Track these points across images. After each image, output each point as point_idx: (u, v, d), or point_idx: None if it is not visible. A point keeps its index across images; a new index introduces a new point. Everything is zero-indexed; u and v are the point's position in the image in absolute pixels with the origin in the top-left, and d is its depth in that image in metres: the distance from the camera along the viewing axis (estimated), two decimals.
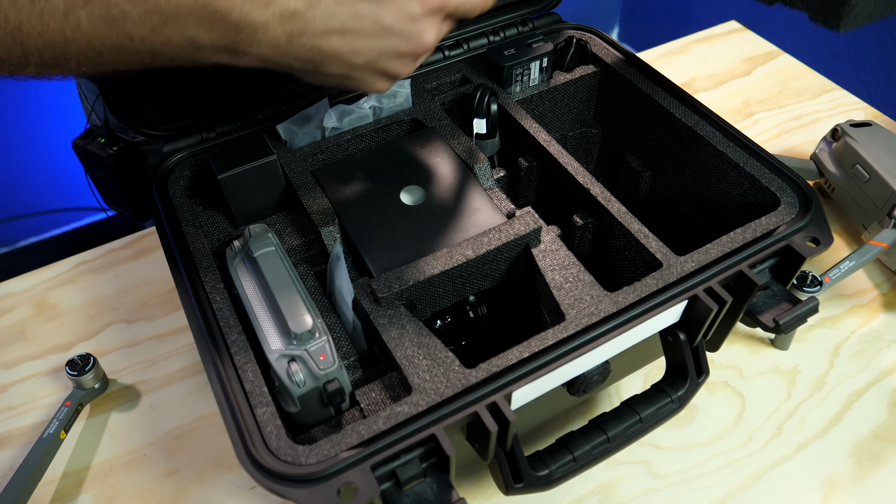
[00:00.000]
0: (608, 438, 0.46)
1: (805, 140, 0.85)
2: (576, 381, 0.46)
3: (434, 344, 0.44)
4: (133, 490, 0.56)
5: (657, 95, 0.60)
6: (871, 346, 0.64)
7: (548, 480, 0.44)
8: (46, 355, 0.66)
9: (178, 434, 0.59)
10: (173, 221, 0.52)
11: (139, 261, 0.73)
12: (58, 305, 0.70)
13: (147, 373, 0.64)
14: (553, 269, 0.49)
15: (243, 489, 0.56)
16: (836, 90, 0.92)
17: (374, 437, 0.39)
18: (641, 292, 0.45)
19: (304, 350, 0.43)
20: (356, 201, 0.54)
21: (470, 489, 0.55)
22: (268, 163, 0.53)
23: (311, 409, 0.44)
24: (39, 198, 1.58)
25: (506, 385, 0.41)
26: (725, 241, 0.48)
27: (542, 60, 0.63)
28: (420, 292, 0.48)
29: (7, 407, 0.62)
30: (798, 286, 0.61)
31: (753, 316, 0.48)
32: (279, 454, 0.38)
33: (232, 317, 0.45)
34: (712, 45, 1.01)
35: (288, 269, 0.47)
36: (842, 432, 0.58)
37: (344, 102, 0.61)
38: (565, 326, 0.44)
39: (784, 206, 0.50)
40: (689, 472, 0.56)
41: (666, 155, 0.62)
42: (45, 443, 0.55)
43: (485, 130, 0.61)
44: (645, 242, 0.49)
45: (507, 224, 0.50)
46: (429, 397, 0.40)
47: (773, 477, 0.55)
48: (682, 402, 0.48)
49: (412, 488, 0.39)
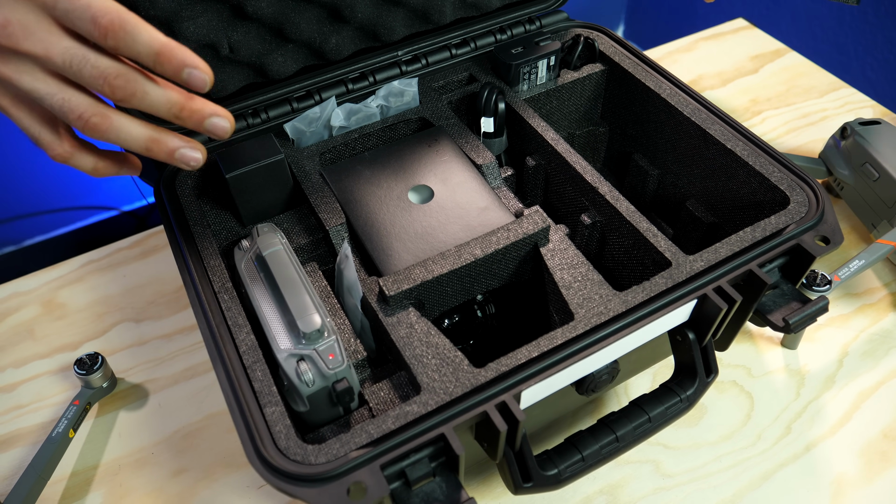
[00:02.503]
0: (617, 438, 0.46)
1: (813, 138, 0.84)
2: (584, 380, 0.46)
3: (443, 343, 0.44)
4: (141, 489, 0.56)
5: (665, 93, 0.60)
6: (881, 345, 0.63)
7: (557, 480, 0.44)
8: (54, 354, 0.66)
9: (186, 433, 0.59)
10: (181, 221, 0.52)
11: (146, 260, 0.73)
12: (66, 305, 0.70)
13: (155, 372, 0.64)
14: (562, 268, 0.49)
15: (251, 488, 0.56)
16: (844, 88, 0.92)
17: (383, 436, 0.39)
18: (650, 291, 0.45)
19: (312, 349, 0.43)
20: (364, 200, 0.54)
21: (478, 489, 0.55)
22: (275, 162, 0.53)
23: (320, 408, 0.44)
24: (45, 197, 1.59)
25: (515, 384, 0.41)
26: (735, 239, 0.48)
27: (550, 59, 0.63)
28: (428, 291, 0.48)
29: (16, 406, 0.62)
30: (807, 285, 0.61)
31: (763, 315, 0.48)
32: (288, 453, 0.38)
33: (240, 316, 0.45)
34: (719, 42, 1.01)
35: (296, 268, 0.47)
36: (851, 432, 0.58)
37: (351, 101, 0.61)
38: (574, 326, 0.44)
39: (793, 205, 0.50)
40: (698, 471, 0.56)
41: (674, 153, 0.61)
42: (53, 441, 0.55)
43: (492, 129, 0.61)
44: (654, 241, 0.49)
45: (516, 223, 0.50)
46: (438, 397, 0.40)
47: (782, 476, 0.55)
48: (690, 401, 0.48)
49: (421, 488, 0.39)
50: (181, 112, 0.38)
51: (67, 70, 0.35)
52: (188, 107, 0.38)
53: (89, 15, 0.34)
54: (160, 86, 0.37)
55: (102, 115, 0.37)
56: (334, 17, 0.60)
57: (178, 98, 0.37)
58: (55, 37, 0.35)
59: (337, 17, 0.60)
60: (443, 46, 0.65)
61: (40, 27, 0.35)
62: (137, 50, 0.35)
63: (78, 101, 0.36)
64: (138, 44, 0.35)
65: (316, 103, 0.60)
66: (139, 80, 0.36)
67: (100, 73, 0.35)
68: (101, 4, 0.34)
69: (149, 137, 0.38)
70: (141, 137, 0.38)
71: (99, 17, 0.34)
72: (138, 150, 0.38)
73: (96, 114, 0.36)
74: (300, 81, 0.61)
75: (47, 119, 0.38)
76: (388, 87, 0.61)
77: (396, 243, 0.51)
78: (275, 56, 0.59)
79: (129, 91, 0.36)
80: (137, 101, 0.37)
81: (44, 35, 0.35)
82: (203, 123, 0.39)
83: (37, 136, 0.38)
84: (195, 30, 0.54)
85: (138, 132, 0.38)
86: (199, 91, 0.37)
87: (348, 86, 0.62)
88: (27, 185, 1.54)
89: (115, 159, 0.41)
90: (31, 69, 0.36)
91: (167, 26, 0.53)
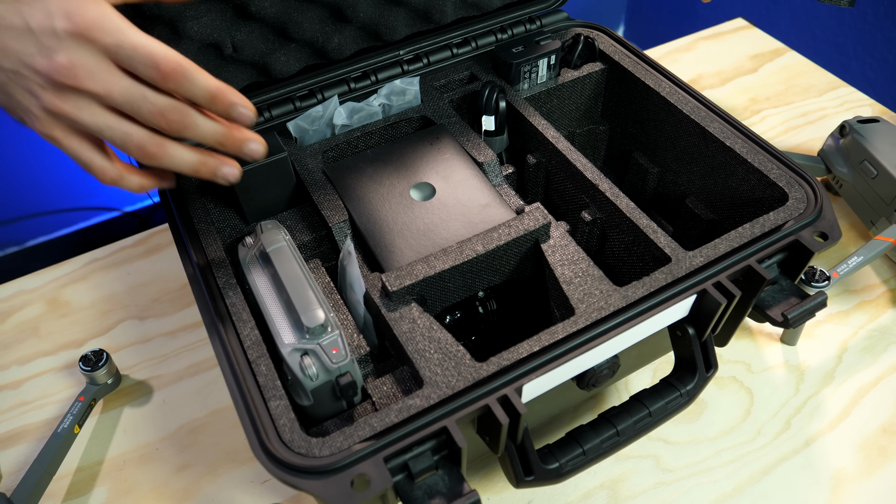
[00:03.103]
0: (617, 432, 0.46)
1: (812, 137, 0.85)
2: (585, 374, 0.46)
3: (445, 338, 0.45)
4: (146, 484, 0.57)
5: (664, 92, 0.60)
6: (880, 341, 0.64)
7: (558, 473, 0.45)
8: (59, 351, 0.66)
9: (190, 429, 0.60)
10: (186, 219, 0.52)
11: (150, 258, 0.74)
12: (70, 302, 0.70)
13: (159, 368, 0.64)
14: (562, 263, 0.49)
15: (255, 483, 0.56)
16: (842, 87, 0.92)
17: (386, 429, 0.39)
18: (650, 287, 0.46)
19: (316, 344, 0.43)
20: (366, 197, 0.54)
21: (480, 483, 0.55)
22: (279, 160, 0.53)
23: (324, 402, 0.44)
24: (47, 197, 1.59)
25: (517, 378, 0.42)
26: (734, 235, 0.48)
27: (550, 58, 0.63)
28: (430, 287, 0.48)
29: (21, 402, 0.62)
30: (806, 281, 0.61)
31: (762, 310, 0.48)
32: (293, 446, 0.39)
33: (245, 311, 0.45)
34: (718, 42, 1.01)
35: (300, 264, 0.47)
36: (850, 427, 0.58)
37: (353, 100, 0.61)
38: (575, 320, 0.44)
39: (792, 202, 0.50)
40: (698, 466, 0.56)
41: (673, 151, 0.62)
42: (59, 437, 0.55)
43: (493, 127, 0.61)
44: (654, 237, 0.50)
45: (517, 220, 0.51)
46: (440, 390, 0.41)
47: (782, 471, 0.56)
48: (690, 395, 0.48)
49: (424, 480, 0.40)
50: (225, 140, 0.43)
51: (126, 106, 0.40)
52: (231, 136, 0.43)
53: (151, 62, 0.38)
54: (208, 118, 0.42)
55: (159, 144, 0.41)
56: (336, 17, 0.60)
57: (222, 129, 0.42)
58: (115, 77, 0.39)
59: (339, 17, 0.60)
60: (444, 46, 0.66)
61: (101, 68, 0.39)
62: (194, 93, 0.40)
63: (137, 134, 0.40)
64: (195, 87, 0.40)
65: (318, 102, 0.61)
66: (191, 115, 0.41)
67: (157, 109, 0.40)
68: (162, 52, 0.39)
69: (198, 161, 0.43)
70: (191, 162, 0.43)
71: (161, 63, 0.38)
72: (187, 172, 0.43)
73: (154, 144, 0.41)
74: (303, 80, 0.61)
75: (98, 147, 0.42)
76: (389, 86, 0.61)
77: (399, 240, 0.51)
78: (278, 55, 0.59)
79: (183, 124, 0.40)
80: (190, 133, 0.41)
81: (104, 76, 0.39)
82: (242, 149, 0.43)
83: (88, 163, 0.42)
84: (199, 29, 0.55)
85: (190, 158, 0.42)
86: (247, 125, 0.43)
87: (350, 85, 0.62)
88: (28, 186, 1.54)
89: (155, 175, 0.45)
90: (91, 105, 0.39)
91: (172, 26, 0.54)
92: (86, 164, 0.42)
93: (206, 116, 0.41)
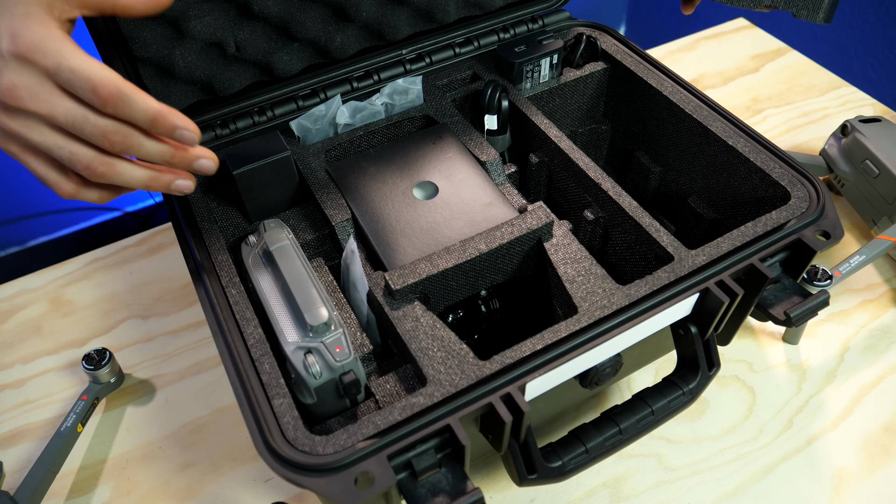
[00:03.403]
0: (620, 431, 0.46)
1: (814, 136, 0.85)
2: (588, 373, 0.46)
3: (448, 336, 0.45)
4: (149, 483, 0.57)
5: (667, 91, 0.60)
6: (882, 340, 0.64)
7: (561, 472, 0.45)
8: (62, 350, 0.66)
9: (192, 427, 0.60)
10: (189, 217, 0.52)
11: (153, 257, 0.74)
12: (73, 301, 0.70)
13: (162, 367, 0.65)
14: (565, 262, 0.50)
15: (258, 482, 0.56)
16: (844, 86, 0.92)
17: (390, 427, 0.39)
18: (653, 285, 0.46)
19: (320, 342, 0.43)
20: (369, 196, 0.54)
21: (483, 481, 0.56)
22: (282, 158, 0.53)
23: (328, 400, 0.44)
24: (49, 197, 1.59)
25: (520, 376, 0.42)
26: (736, 234, 0.48)
27: (553, 57, 0.63)
28: (433, 286, 0.49)
29: (24, 401, 0.62)
30: (808, 280, 0.61)
31: (764, 309, 0.49)
32: (297, 444, 0.39)
33: (248, 310, 0.46)
34: (720, 42, 1.02)
35: (303, 262, 0.48)
36: (852, 426, 0.58)
37: (356, 99, 0.61)
38: (578, 319, 0.44)
39: (794, 201, 0.50)
40: (701, 464, 0.56)
41: (676, 151, 0.62)
42: (62, 436, 0.55)
43: (496, 126, 0.62)
44: (656, 236, 0.50)
45: (520, 218, 0.51)
46: (444, 388, 0.41)
47: (784, 470, 0.56)
48: (693, 394, 0.48)
49: (427, 478, 0.40)
50: (172, 159, 0.43)
51: (69, 127, 0.39)
52: (178, 155, 0.43)
53: (90, 85, 0.38)
54: (152, 139, 0.42)
55: (107, 164, 0.41)
56: (339, 17, 0.60)
57: (168, 149, 0.42)
58: (57, 98, 0.39)
59: (342, 17, 0.60)
60: (446, 45, 0.66)
61: (43, 90, 0.38)
62: (134, 116, 0.39)
63: (84, 154, 0.40)
64: (135, 111, 0.39)
65: (321, 101, 0.61)
66: (134, 136, 0.40)
67: (100, 131, 0.39)
68: (100, 76, 0.38)
69: (147, 177, 0.43)
70: (141, 178, 0.43)
71: (99, 87, 0.38)
72: (139, 187, 0.43)
73: (102, 164, 0.41)
74: (306, 80, 0.61)
75: (53, 163, 0.42)
76: (392, 85, 0.61)
77: (402, 239, 0.51)
78: (280, 54, 0.59)
79: (126, 145, 0.40)
80: (134, 152, 0.41)
81: (47, 97, 0.38)
82: (192, 165, 0.44)
83: (44, 178, 0.42)
84: (202, 28, 0.55)
85: (139, 174, 0.43)
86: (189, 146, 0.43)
87: (353, 84, 0.62)
88: (30, 186, 1.54)
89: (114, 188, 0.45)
90: (38, 125, 0.39)
91: (174, 25, 0.54)
92: (42, 179, 0.42)
93: (150, 137, 0.41)
